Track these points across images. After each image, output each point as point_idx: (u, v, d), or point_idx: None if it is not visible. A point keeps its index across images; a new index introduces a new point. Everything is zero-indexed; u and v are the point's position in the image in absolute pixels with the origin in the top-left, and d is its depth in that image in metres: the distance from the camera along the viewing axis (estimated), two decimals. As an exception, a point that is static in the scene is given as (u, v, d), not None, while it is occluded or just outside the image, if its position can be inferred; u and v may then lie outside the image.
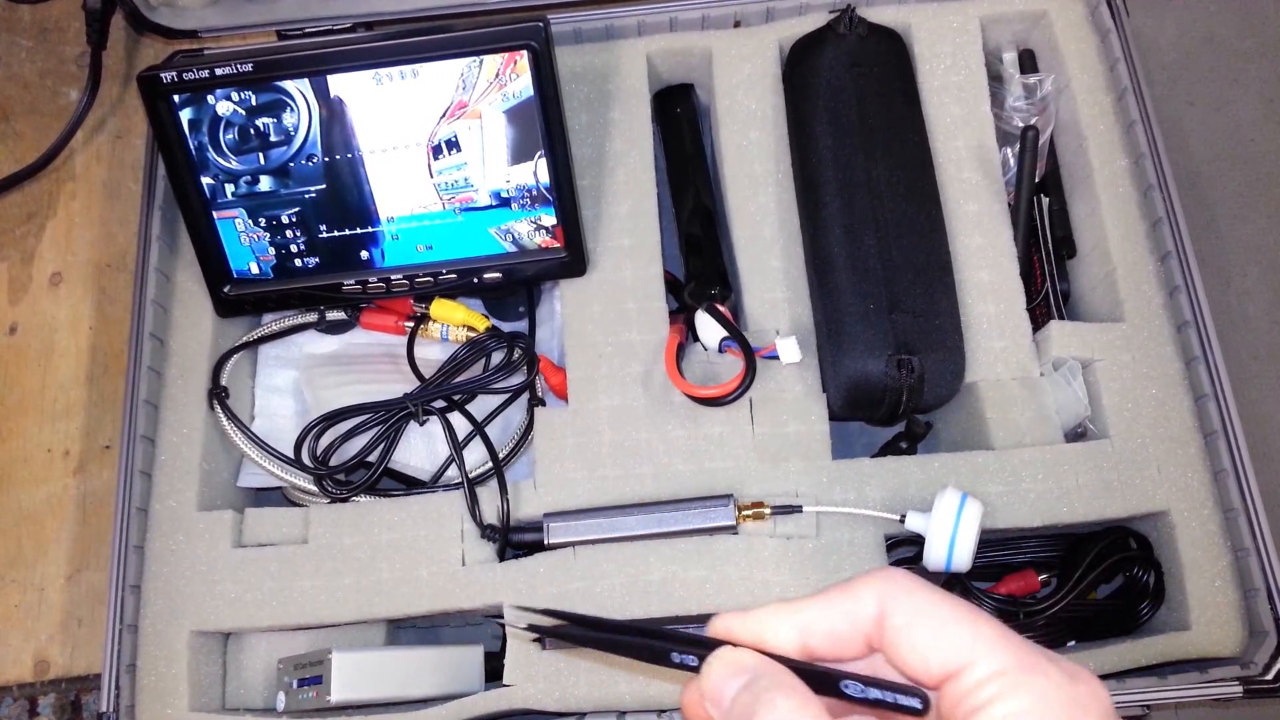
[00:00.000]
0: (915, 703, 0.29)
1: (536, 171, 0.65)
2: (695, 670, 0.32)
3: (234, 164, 0.65)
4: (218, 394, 0.68)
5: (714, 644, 0.32)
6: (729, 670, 0.30)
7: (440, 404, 0.68)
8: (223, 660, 0.66)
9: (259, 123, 0.64)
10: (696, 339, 0.68)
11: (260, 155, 0.65)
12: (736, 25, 0.76)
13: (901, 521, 0.61)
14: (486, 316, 0.71)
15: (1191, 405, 0.65)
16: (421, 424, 0.68)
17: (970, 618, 0.29)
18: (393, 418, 0.67)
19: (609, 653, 0.34)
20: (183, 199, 0.66)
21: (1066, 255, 0.73)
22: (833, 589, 0.31)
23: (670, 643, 0.32)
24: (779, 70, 0.74)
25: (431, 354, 0.71)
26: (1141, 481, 0.63)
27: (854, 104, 0.69)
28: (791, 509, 0.62)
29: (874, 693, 0.30)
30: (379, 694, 0.60)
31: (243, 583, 0.64)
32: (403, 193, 0.66)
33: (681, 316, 0.69)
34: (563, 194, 0.66)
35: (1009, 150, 0.72)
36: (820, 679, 0.30)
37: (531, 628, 0.35)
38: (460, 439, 0.66)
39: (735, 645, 0.31)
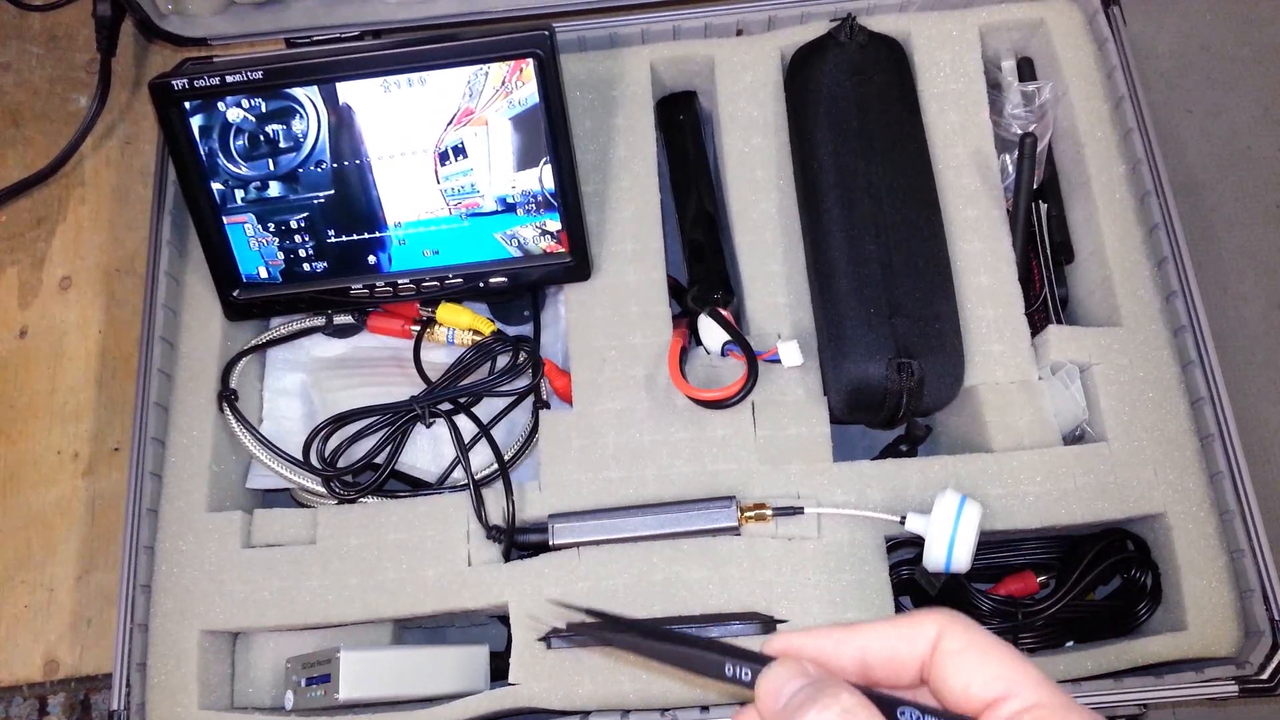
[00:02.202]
0: None
1: (541, 177, 0.66)
2: (749, 686, 0.32)
3: (244, 170, 0.66)
4: (227, 396, 0.69)
5: (771, 660, 0.32)
6: (791, 673, 0.31)
7: (446, 407, 0.68)
8: (231, 659, 0.67)
9: (269, 129, 0.65)
10: (699, 343, 0.69)
11: (270, 161, 0.66)
12: (739, 33, 0.77)
13: (902, 523, 0.62)
14: (492, 320, 0.72)
15: (1188, 409, 0.66)
16: (428, 426, 0.69)
17: (1017, 657, 0.31)
18: (400, 420, 0.67)
19: (651, 659, 0.33)
20: (193, 204, 0.67)
21: (1064, 260, 0.74)
22: (893, 616, 0.33)
23: (726, 655, 0.32)
24: (780, 78, 0.74)
25: (438, 357, 0.72)
26: (1139, 484, 0.64)
27: (854, 111, 0.70)
28: (793, 510, 0.63)
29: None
30: (386, 692, 0.60)
31: (251, 583, 0.64)
32: (410, 198, 0.67)
33: (684, 320, 0.70)
34: (567, 200, 0.67)
35: (1008, 157, 0.73)
36: (878, 703, 0.30)
37: (574, 626, 0.34)
38: (466, 441, 0.67)
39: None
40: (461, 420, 0.68)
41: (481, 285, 0.69)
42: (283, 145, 0.65)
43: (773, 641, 0.33)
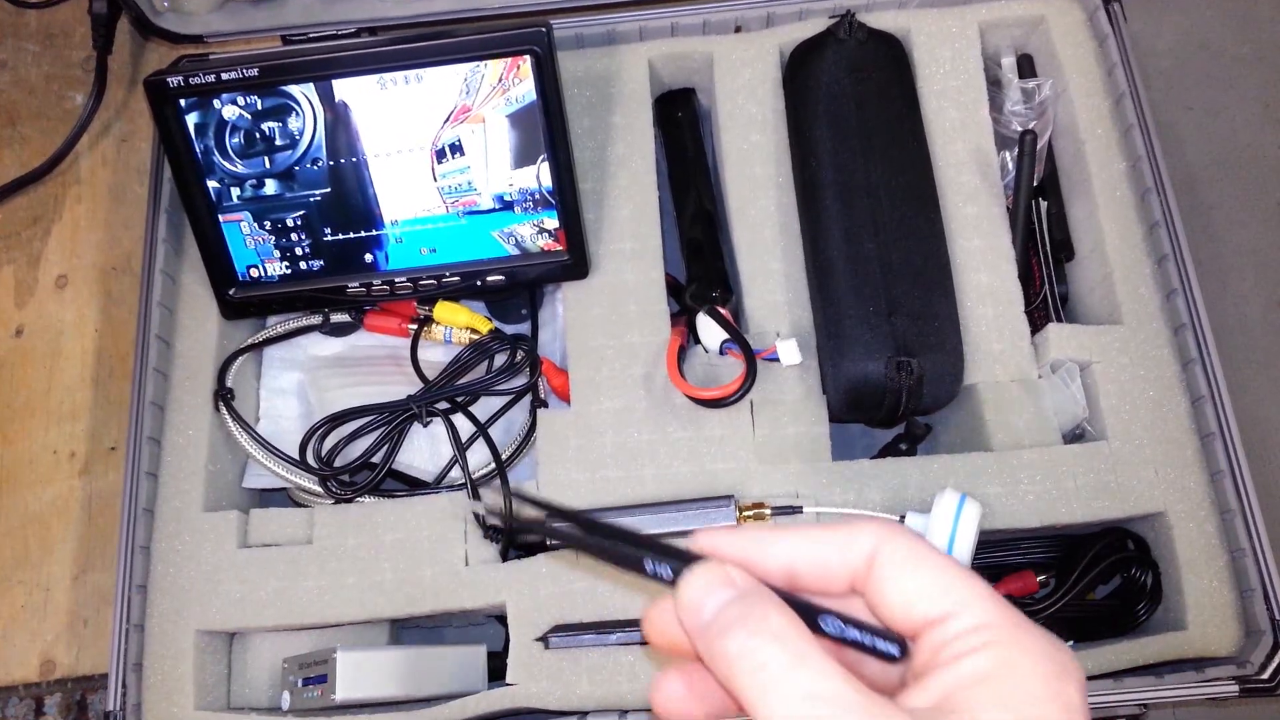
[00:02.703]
0: (893, 649, 0.28)
1: (539, 175, 0.66)
2: (670, 584, 0.30)
3: (239, 168, 0.66)
4: (223, 396, 0.69)
5: (694, 558, 0.30)
6: (715, 581, 0.29)
7: (444, 406, 0.68)
8: (228, 659, 0.66)
9: (264, 127, 0.64)
10: (698, 341, 0.68)
11: (265, 159, 0.65)
12: (737, 30, 0.76)
13: (901, 522, 0.62)
14: (489, 319, 0.72)
15: (1188, 407, 0.66)
16: (425, 425, 0.69)
17: (963, 572, 0.29)
18: (396, 419, 0.67)
19: (584, 553, 0.31)
20: (189, 202, 0.67)
21: (1064, 258, 0.74)
22: (828, 524, 0.30)
23: (648, 550, 0.30)
24: (779, 75, 0.74)
25: (435, 356, 0.72)
26: (1139, 483, 0.64)
27: (854, 108, 0.69)
28: (792, 510, 0.62)
29: (852, 633, 0.29)
30: (383, 693, 0.60)
31: (248, 583, 0.64)
32: (407, 196, 0.67)
33: (683, 319, 0.70)
34: (565, 197, 0.67)
35: (1007, 154, 0.72)
36: (798, 610, 0.28)
37: (517, 521, 0.32)
38: (463, 440, 0.67)
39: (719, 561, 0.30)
40: (459, 419, 0.68)
41: (479, 283, 0.69)
42: (279, 143, 0.65)
43: (698, 537, 0.30)
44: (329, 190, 0.66)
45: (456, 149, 0.65)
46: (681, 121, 0.77)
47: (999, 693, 0.26)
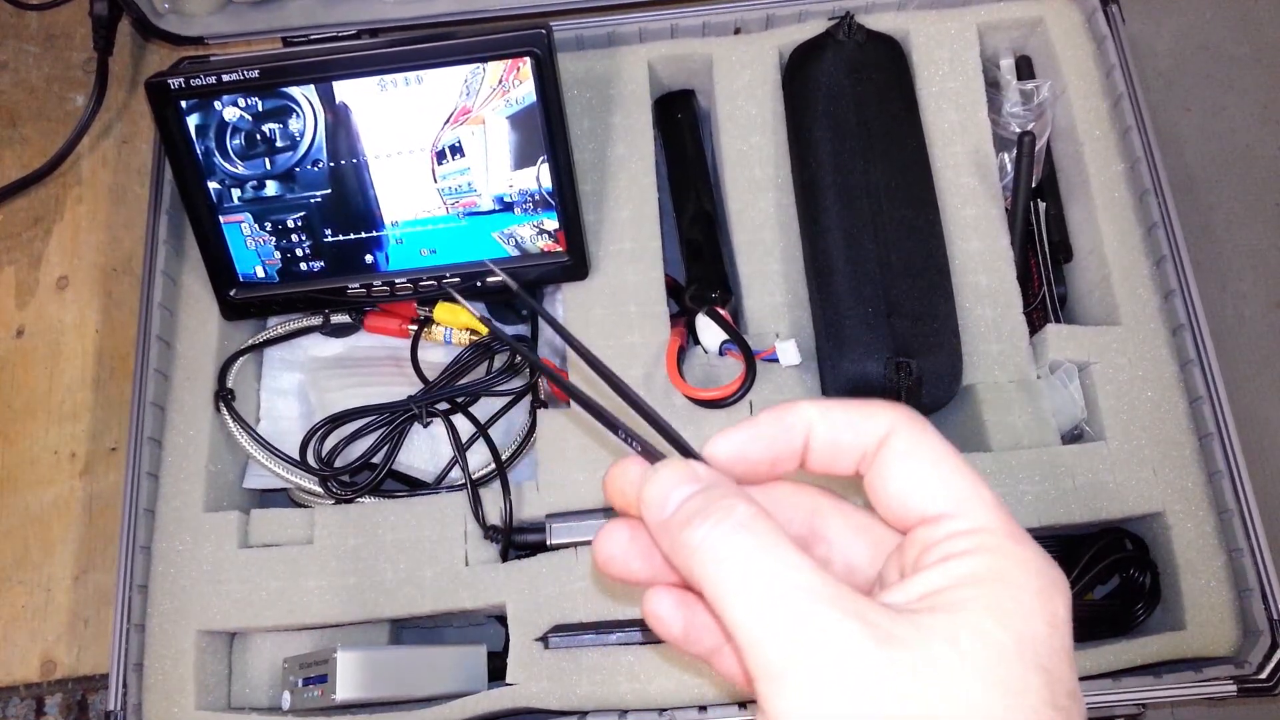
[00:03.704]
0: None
1: (539, 176, 0.66)
2: (640, 456, 0.30)
3: (240, 169, 0.66)
4: (224, 396, 0.69)
5: (678, 445, 0.29)
6: (679, 478, 0.28)
7: (444, 406, 0.68)
8: (228, 659, 0.67)
9: (265, 128, 0.64)
10: (697, 342, 0.69)
11: (266, 160, 0.65)
12: (737, 32, 0.76)
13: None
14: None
15: (1187, 408, 0.66)
16: (425, 426, 0.69)
17: (969, 473, 0.27)
18: (397, 420, 0.67)
19: (569, 396, 0.31)
20: (189, 203, 0.67)
21: (1063, 259, 0.74)
22: (848, 401, 0.29)
23: (616, 430, 0.30)
24: (779, 76, 0.74)
25: (435, 357, 0.72)
26: (1137, 483, 0.64)
27: (853, 110, 0.69)
28: (791, 510, 0.62)
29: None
30: (383, 693, 0.60)
31: (248, 583, 0.64)
32: (407, 197, 0.67)
33: (682, 320, 0.70)
34: (565, 198, 0.67)
35: (1006, 155, 0.72)
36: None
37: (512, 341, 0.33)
38: (463, 441, 0.67)
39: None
40: (459, 420, 0.68)
41: (479, 284, 0.69)
42: (279, 144, 0.65)
43: (716, 440, 0.29)
44: (329, 191, 0.66)
45: (457, 150, 0.65)
46: (681, 123, 0.77)
47: (988, 598, 0.25)
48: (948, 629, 0.24)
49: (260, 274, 0.70)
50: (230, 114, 0.64)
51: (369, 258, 0.69)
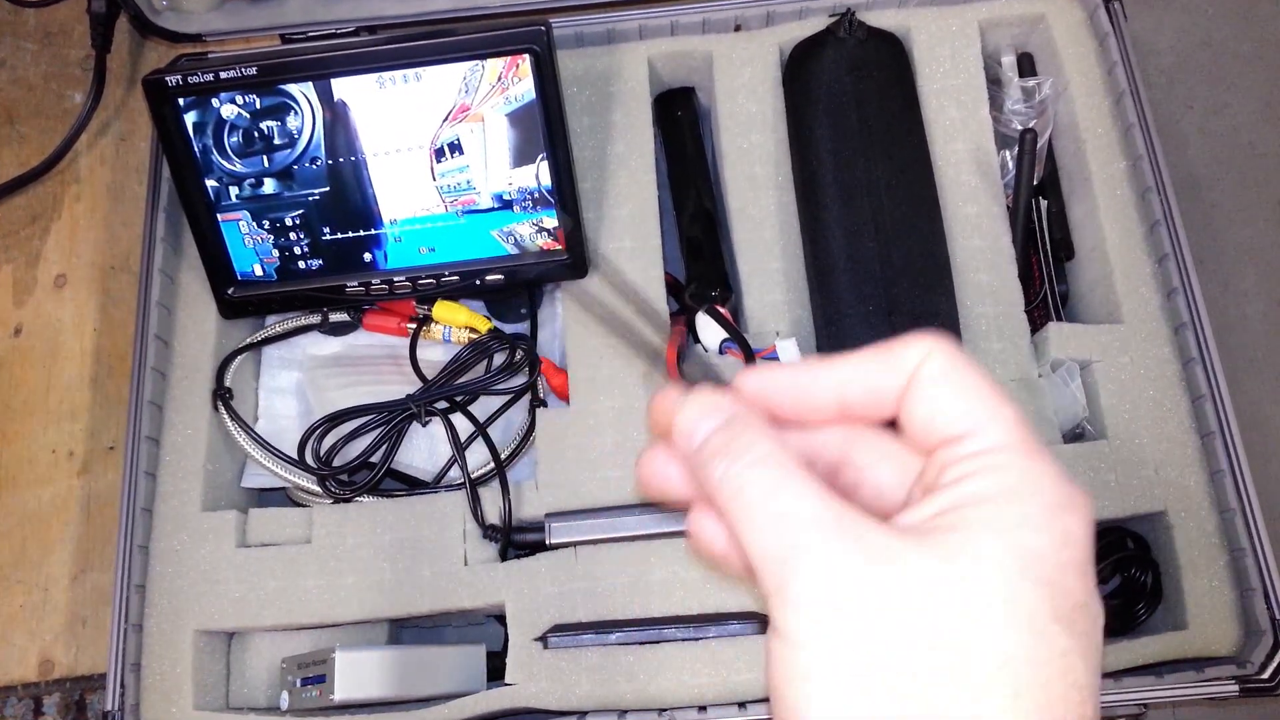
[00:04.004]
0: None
1: (538, 174, 0.66)
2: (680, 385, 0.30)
3: (238, 167, 0.66)
4: (222, 395, 0.68)
5: (721, 383, 0.30)
6: (704, 409, 0.29)
7: (443, 405, 0.68)
8: (227, 659, 0.66)
9: (263, 126, 0.64)
10: (697, 340, 0.68)
11: (264, 158, 0.65)
12: (737, 29, 0.76)
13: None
14: (488, 318, 0.72)
15: (1189, 406, 0.65)
16: (424, 425, 0.68)
17: (993, 393, 0.28)
18: (395, 419, 0.67)
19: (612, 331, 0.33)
20: (187, 201, 0.67)
21: (1065, 257, 0.74)
22: (880, 345, 0.29)
23: (655, 360, 0.31)
24: (779, 74, 0.74)
25: (434, 355, 0.72)
26: (1139, 482, 0.64)
27: (854, 107, 0.69)
28: (791, 509, 0.62)
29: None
30: (382, 693, 0.60)
31: (246, 582, 0.64)
32: (405, 195, 0.67)
33: (682, 318, 0.69)
34: (564, 196, 0.66)
35: (1008, 153, 0.72)
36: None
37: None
38: (462, 440, 0.66)
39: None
40: (458, 419, 0.68)
41: (478, 283, 0.69)
42: (277, 142, 0.65)
43: (745, 376, 0.30)
44: (328, 189, 0.66)
45: (455, 148, 0.65)
46: (681, 120, 0.77)
47: (993, 515, 0.25)
48: (947, 546, 0.25)
49: (258, 272, 0.69)
50: (228, 111, 0.64)
51: (367, 256, 0.69)
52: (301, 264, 0.69)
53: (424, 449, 0.69)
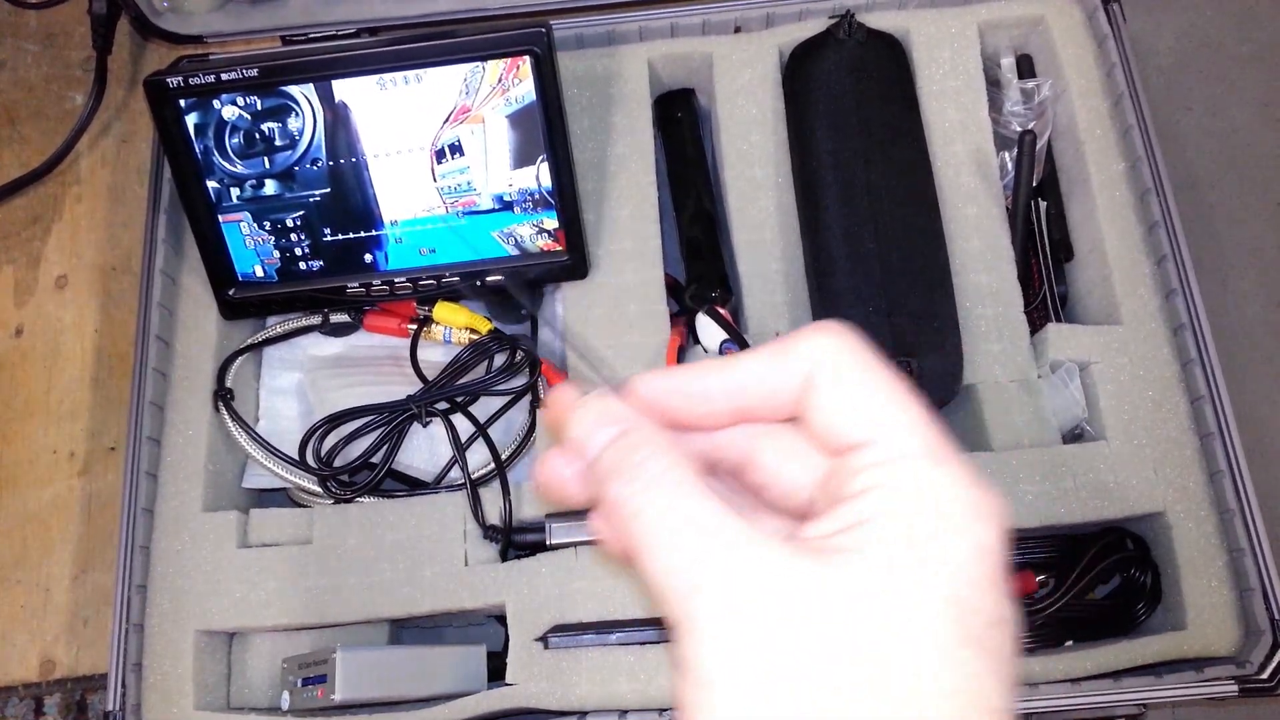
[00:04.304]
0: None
1: (539, 175, 0.66)
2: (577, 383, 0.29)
3: (239, 168, 0.66)
4: (223, 396, 0.69)
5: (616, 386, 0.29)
6: (599, 418, 0.28)
7: (443, 406, 0.68)
8: (228, 659, 0.66)
9: (264, 127, 0.64)
10: (697, 341, 0.68)
11: (265, 159, 0.65)
12: (737, 31, 0.76)
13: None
14: (489, 319, 0.72)
15: (1188, 407, 0.66)
16: (425, 425, 0.69)
17: (894, 394, 0.26)
18: (396, 419, 0.67)
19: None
20: (188, 202, 0.67)
21: (1064, 258, 0.74)
22: (771, 342, 0.28)
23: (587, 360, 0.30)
24: (779, 75, 0.74)
25: (434, 356, 0.72)
26: (1138, 483, 0.64)
27: (853, 109, 0.69)
28: (791, 510, 0.62)
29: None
30: (382, 693, 0.60)
31: (247, 583, 0.64)
32: (406, 196, 0.67)
33: (682, 319, 0.70)
34: (565, 197, 0.67)
35: (1007, 154, 0.72)
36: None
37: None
38: (463, 440, 0.67)
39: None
40: (458, 419, 0.68)
41: (478, 284, 0.69)
42: (278, 143, 0.65)
43: (639, 380, 0.29)
44: (329, 190, 0.66)
45: (456, 149, 0.65)
46: (681, 122, 0.77)
47: (900, 533, 0.24)
48: (854, 566, 0.24)
49: (259, 273, 0.69)
50: (229, 113, 0.64)
51: (368, 257, 0.69)
52: (302, 265, 0.69)
53: (425, 450, 0.69)
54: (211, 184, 0.66)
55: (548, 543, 0.63)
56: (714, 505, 0.25)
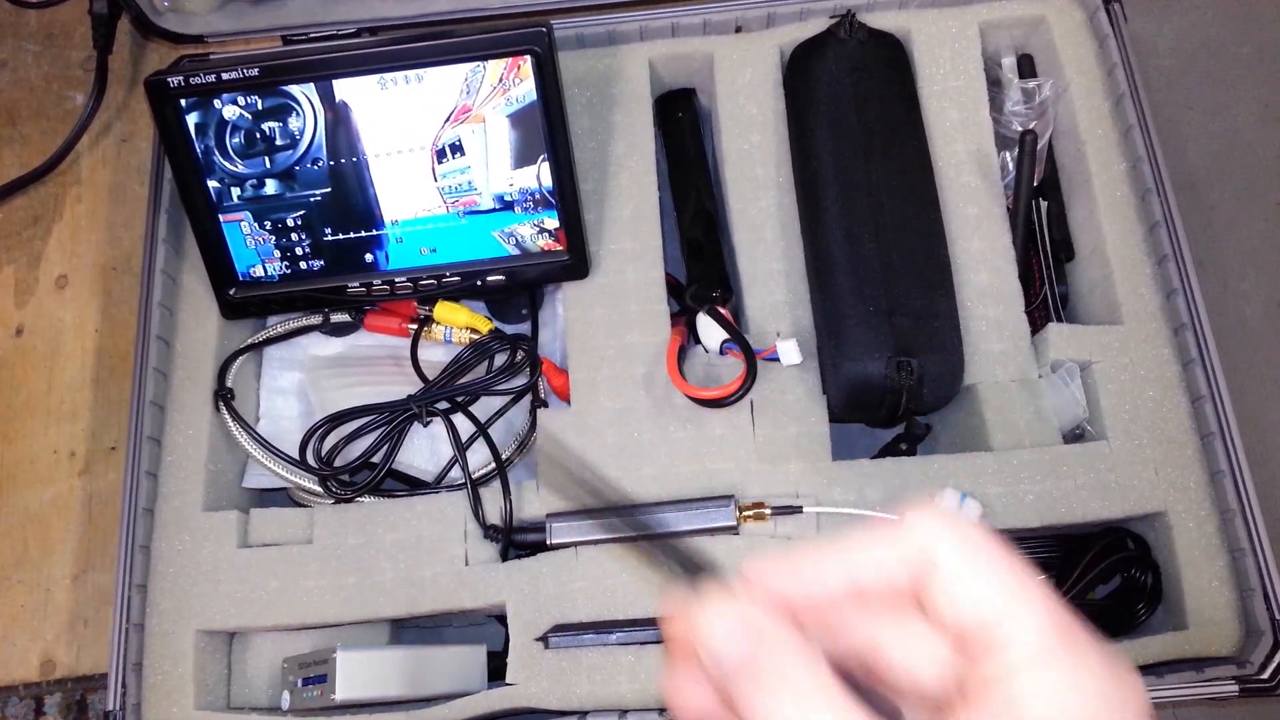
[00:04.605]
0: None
1: (539, 175, 0.66)
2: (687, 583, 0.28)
3: (240, 167, 0.66)
4: (223, 395, 0.69)
5: (711, 574, 0.28)
6: (736, 629, 0.27)
7: (444, 405, 0.68)
8: (228, 659, 0.66)
9: (265, 127, 0.64)
10: (698, 341, 0.68)
11: (266, 159, 0.65)
12: (738, 30, 0.76)
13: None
14: (489, 319, 0.72)
15: (1189, 407, 0.66)
16: (425, 425, 0.69)
17: (1020, 579, 0.26)
18: (397, 419, 0.67)
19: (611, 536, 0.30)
20: (189, 202, 0.67)
21: (1065, 258, 0.74)
22: (881, 526, 0.28)
23: (675, 557, 0.29)
24: (780, 75, 0.74)
25: (435, 356, 0.72)
26: (1139, 483, 0.64)
27: (854, 108, 0.69)
28: (792, 509, 0.62)
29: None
30: (383, 693, 0.60)
31: (248, 583, 0.64)
32: (407, 196, 0.67)
33: (683, 319, 0.70)
34: (565, 197, 0.66)
35: (1008, 154, 0.72)
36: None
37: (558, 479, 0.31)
38: (464, 440, 0.66)
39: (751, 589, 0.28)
40: (459, 419, 0.68)
41: (479, 283, 0.69)
42: (279, 143, 0.65)
43: (747, 568, 0.28)
44: (329, 190, 0.66)
45: (457, 149, 0.65)
46: (682, 121, 0.77)
47: None
48: None
49: (260, 273, 0.69)
50: (230, 112, 0.64)
51: (369, 256, 0.69)
52: (303, 264, 0.69)
53: (425, 449, 0.69)
54: (212, 183, 0.66)
55: (548, 543, 0.63)
56: (845, 712, 0.25)
